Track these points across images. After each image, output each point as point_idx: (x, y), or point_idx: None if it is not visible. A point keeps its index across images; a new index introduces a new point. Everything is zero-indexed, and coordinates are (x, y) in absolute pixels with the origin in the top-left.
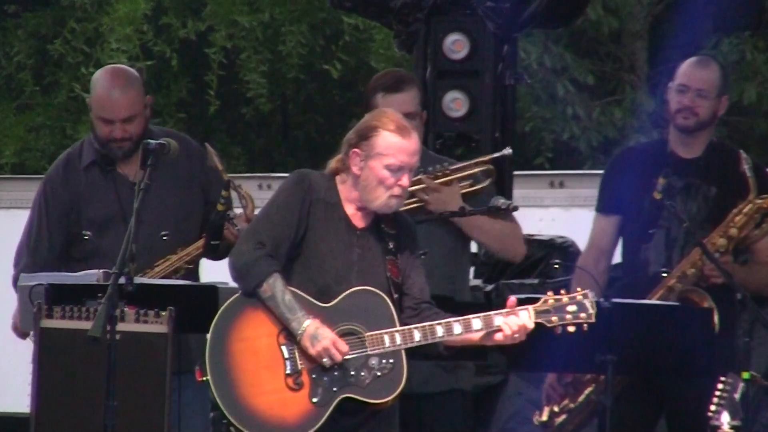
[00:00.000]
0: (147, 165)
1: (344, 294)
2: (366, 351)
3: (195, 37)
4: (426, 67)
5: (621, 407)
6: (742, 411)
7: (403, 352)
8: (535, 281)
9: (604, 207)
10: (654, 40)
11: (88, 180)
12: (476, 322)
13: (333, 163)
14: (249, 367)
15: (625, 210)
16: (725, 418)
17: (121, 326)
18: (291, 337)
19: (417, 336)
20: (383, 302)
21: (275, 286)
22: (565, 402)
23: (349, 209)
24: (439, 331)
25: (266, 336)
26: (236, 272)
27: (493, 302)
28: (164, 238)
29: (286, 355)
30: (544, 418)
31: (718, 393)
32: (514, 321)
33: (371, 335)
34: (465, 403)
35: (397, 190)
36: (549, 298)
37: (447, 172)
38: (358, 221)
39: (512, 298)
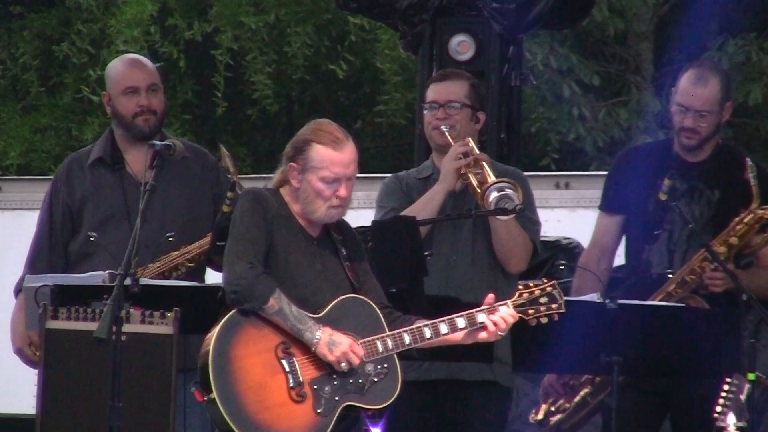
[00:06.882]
0: (153, 166)
1: (333, 303)
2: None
3: (201, 39)
4: (431, 68)
5: (625, 408)
6: (748, 412)
7: (395, 355)
8: None
9: (607, 206)
10: (659, 41)
11: (93, 177)
12: (460, 320)
13: (277, 175)
14: (253, 383)
15: (630, 210)
16: (731, 419)
17: (126, 327)
18: (289, 350)
19: (407, 339)
20: (371, 309)
21: (281, 300)
22: (561, 402)
23: (302, 220)
24: (427, 332)
25: (265, 351)
26: (239, 295)
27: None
28: (170, 239)
29: (287, 369)
30: (540, 416)
31: (723, 394)
32: (497, 316)
33: (364, 342)
34: (500, 396)
35: (335, 201)
36: (523, 292)
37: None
38: (312, 231)
39: (491, 295)
